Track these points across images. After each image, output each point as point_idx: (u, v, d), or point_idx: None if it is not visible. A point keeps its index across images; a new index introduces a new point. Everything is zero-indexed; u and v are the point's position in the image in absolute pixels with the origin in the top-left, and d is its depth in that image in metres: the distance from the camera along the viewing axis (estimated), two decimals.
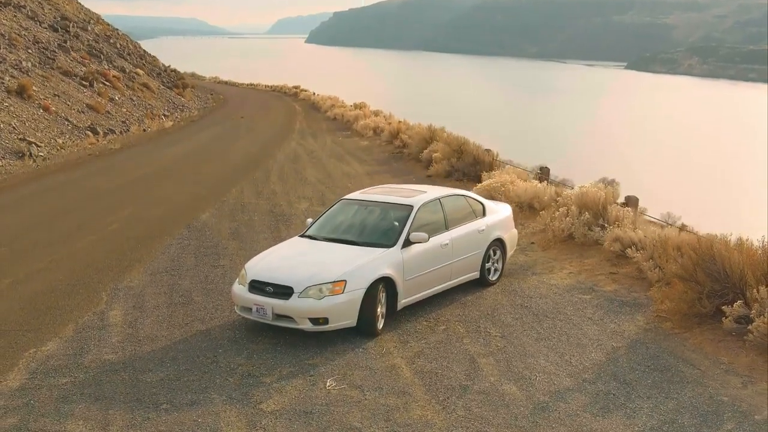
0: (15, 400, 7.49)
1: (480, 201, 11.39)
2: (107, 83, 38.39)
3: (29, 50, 34.77)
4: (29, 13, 40.50)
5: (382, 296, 9.21)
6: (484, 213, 11.16)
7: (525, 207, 15.65)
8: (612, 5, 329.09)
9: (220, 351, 8.71)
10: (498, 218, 11.38)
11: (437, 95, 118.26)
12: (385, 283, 9.21)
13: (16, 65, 31.38)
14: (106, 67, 41.61)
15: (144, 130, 34.65)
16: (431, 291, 10.06)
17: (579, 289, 11.05)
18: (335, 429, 6.93)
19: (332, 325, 8.78)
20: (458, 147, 20.83)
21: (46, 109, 28.87)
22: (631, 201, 13.71)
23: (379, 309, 9.15)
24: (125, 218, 15.80)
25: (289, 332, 9.06)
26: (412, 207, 10.07)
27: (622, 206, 13.46)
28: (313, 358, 8.50)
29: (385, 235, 9.75)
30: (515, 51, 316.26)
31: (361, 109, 40.15)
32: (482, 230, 10.90)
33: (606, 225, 12.81)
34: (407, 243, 9.60)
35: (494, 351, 8.74)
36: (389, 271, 9.21)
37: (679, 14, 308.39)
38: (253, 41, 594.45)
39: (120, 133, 32.21)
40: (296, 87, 70.29)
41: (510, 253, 11.75)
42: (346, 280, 8.81)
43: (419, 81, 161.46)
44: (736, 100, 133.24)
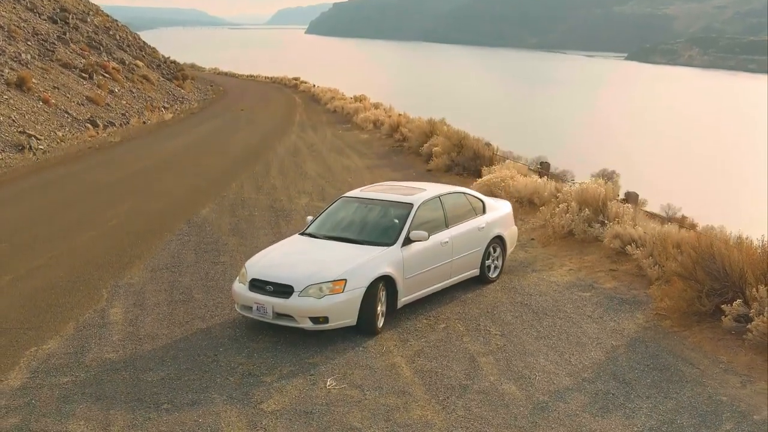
0: (16, 400, 7.51)
1: (480, 198, 11.39)
2: (107, 75, 38.34)
3: (28, 42, 34.70)
4: (28, 5, 40.40)
5: (382, 295, 9.22)
6: (484, 210, 11.16)
7: (525, 202, 15.66)
8: None
9: (221, 350, 8.73)
10: (498, 215, 11.39)
11: (438, 86, 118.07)
12: (385, 282, 9.23)
13: (16, 57, 31.32)
14: (106, 59, 41.54)
15: (144, 123, 34.62)
16: (431, 289, 10.08)
17: (579, 287, 11.06)
18: (335, 429, 6.96)
19: (332, 324, 8.80)
20: (458, 141, 20.83)
21: (46, 102, 28.82)
22: (631, 197, 13.73)
23: (379, 307, 9.16)
24: (125, 213, 15.81)
25: (290, 331, 9.07)
26: (412, 205, 10.07)
27: (622, 202, 13.47)
28: (314, 357, 8.52)
29: (385, 234, 9.75)
30: (515, 42, 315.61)
31: (361, 102, 40.14)
32: (482, 228, 10.90)
33: (606, 221, 12.82)
34: (407, 241, 9.61)
35: (494, 350, 8.76)
36: (389, 270, 9.22)
37: (680, 5, 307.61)
38: (253, 32, 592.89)
39: (120, 126, 32.18)
40: (296, 79, 70.22)
41: (510, 250, 11.77)
42: (347, 279, 8.82)
43: (420, 72, 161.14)
44: (736, 91, 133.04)
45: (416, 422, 7.09)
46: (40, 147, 24.43)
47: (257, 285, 9.04)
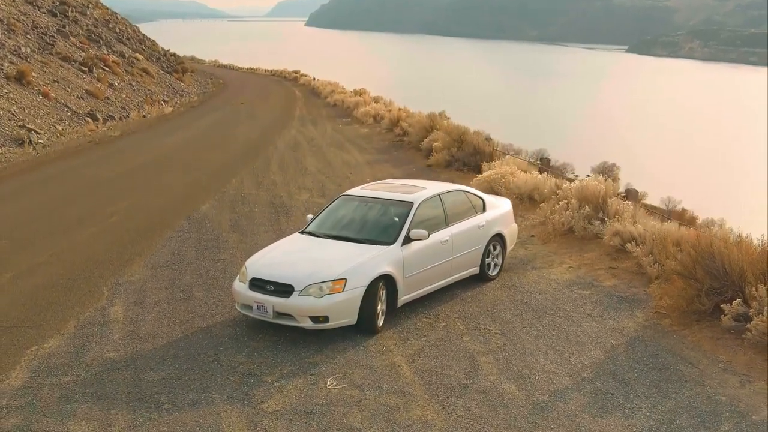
0: (18, 400, 7.53)
1: (480, 196, 11.39)
2: (106, 68, 38.29)
3: (28, 36, 34.64)
4: None
5: (382, 294, 9.23)
6: (484, 208, 11.17)
7: (525, 199, 15.66)
8: None
9: (221, 349, 8.75)
10: (498, 213, 11.40)
11: (438, 79, 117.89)
12: (385, 281, 9.24)
13: (15, 51, 31.28)
14: (106, 52, 41.47)
15: (144, 116, 34.59)
16: (431, 287, 10.09)
17: (578, 285, 11.08)
18: (336, 430, 6.98)
19: (332, 323, 8.82)
20: (458, 136, 20.81)
21: (46, 96, 28.80)
22: (631, 194, 13.73)
23: (379, 306, 9.18)
24: (125, 209, 15.81)
25: (290, 330, 9.09)
26: (412, 204, 10.07)
27: (622, 199, 13.48)
28: (314, 357, 8.54)
29: (385, 232, 9.76)
30: (515, 34, 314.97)
31: (361, 96, 40.08)
32: (482, 226, 10.91)
33: (606, 219, 12.83)
34: (407, 240, 9.62)
35: (494, 349, 8.78)
36: (389, 269, 9.23)
37: None
38: (253, 24, 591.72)
39: (120, 120, 32.16)
40: (296, 72, 70.16)
41: (510, 248, 11.77)
42: (347, 279, 8.84)
43: (420, 65, 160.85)
44: (738, 84, 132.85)
45: (416, 422, 7.11)
46: (40, 141, 24.43)
47: (257, 284, 9.06)
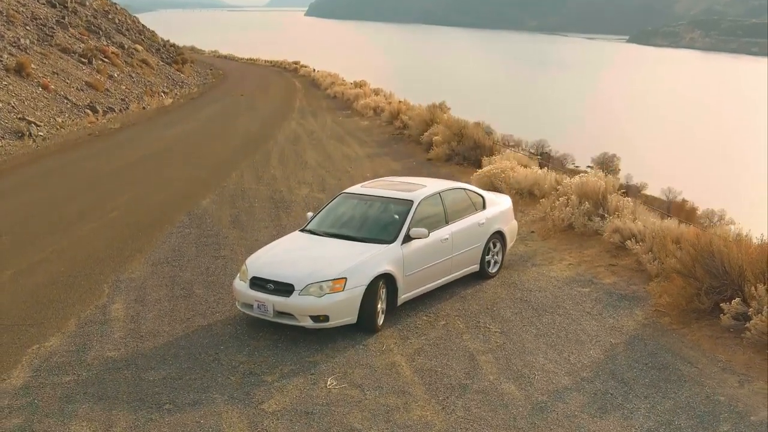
0: (19, 399, 7.55)
1: (480, 194, 11.40)
2: (106, 60, 38.21)
3: (27, 27, 34.54)
4: None
5: (383, 292, 9.24)
6: (484, 206, 11.17)
7: (525, 194, 15.66)
8: None
9: (222, 348, 8.77)
10: (498, 210, 11.40)
11: (438, 69, 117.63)
12: (386, 279, 9.25)
13: (15, 42, 31.19)
14: (105, 44, 41.37)
15: (143, 108, 34.54)
16: (431, 285, 10.11)
17: (578, 282, 11.09)
18: (336, 430, 7.01)
19: (333, 323, 8.84)
20: (458, 130, 20.79)
21: (45, 88, 28.75)
22: (632, 190, 13.73)
23: (380, 305, 9.20)
24: (125, 204, 15.81)
25: (290, 329, 9.11)
26: (412, 202, 10.08)
27: (622, 195, 13.48)
28: (314, 356, 8.56)
29: (386, 231, 9.77)
30: (515, 24, 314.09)
31: (361, 88, 40.02)
32: (482, 223, 10.92)
33: (606, 215, 12.83)
34: (407, 238, 9.63)
35: (494, 348, 8.80)
36: (389, 268, 9.24)
37: None
38: (253, 14, 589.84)
39: (119, 112, 32.11)
40: (296, 62, 70.01)
41: (510, 245, 11.78)
42: (347, 278, 8.85)
43: (420, 55, 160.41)
44: (739, 74, 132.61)
45: (416, 423, 7.14)
46: (40, 134, 24.40)
47: (258, 283, 9.07)
